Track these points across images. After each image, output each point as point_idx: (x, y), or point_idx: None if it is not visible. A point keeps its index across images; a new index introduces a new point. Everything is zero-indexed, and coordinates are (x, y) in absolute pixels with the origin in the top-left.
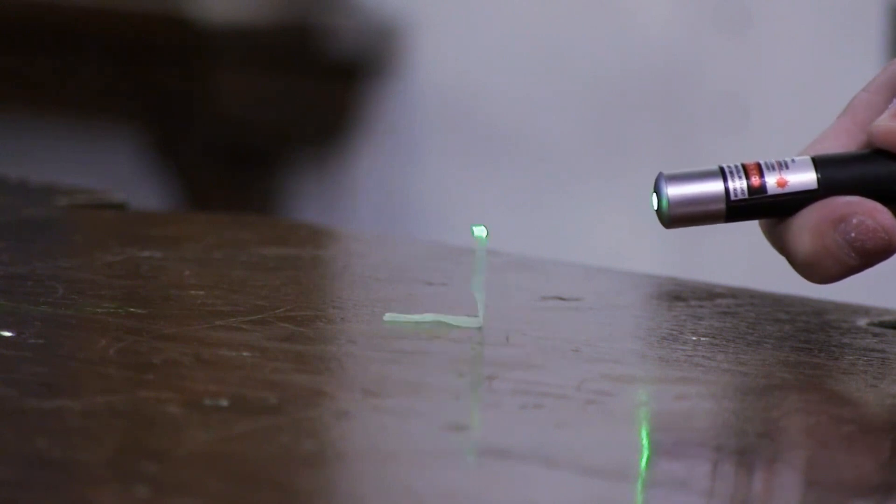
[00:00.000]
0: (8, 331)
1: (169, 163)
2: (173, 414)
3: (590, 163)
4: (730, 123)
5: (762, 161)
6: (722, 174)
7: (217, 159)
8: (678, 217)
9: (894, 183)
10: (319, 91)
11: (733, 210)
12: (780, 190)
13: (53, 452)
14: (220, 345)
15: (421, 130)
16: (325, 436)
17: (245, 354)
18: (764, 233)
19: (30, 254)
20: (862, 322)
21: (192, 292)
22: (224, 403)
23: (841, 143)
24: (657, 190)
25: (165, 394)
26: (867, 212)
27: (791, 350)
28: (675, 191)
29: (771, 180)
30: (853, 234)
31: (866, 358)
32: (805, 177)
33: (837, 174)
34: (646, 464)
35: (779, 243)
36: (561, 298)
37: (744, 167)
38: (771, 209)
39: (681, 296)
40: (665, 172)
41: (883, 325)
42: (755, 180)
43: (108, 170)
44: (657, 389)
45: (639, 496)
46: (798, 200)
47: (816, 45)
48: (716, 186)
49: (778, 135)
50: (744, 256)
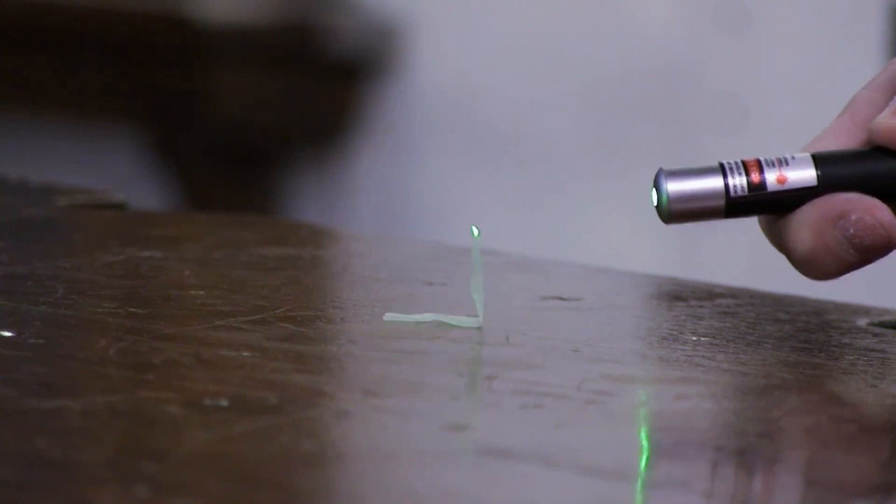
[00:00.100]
0: (8, 331)
1: (169, 163)
2: (173, 414)
3: (590, 163)
4: (730, 123)
5: (762, 158)
6: (722, 170)
7: (217, 159)
8: (677, 213)
9: (894, 180)
10: (319, 91)
11: (733, 206)
12: (780, 187)
13: (53, 452)
14: (220, 345)
15: (421, 130)
16: (325, 436)
17: (245, 354)
18: (763, 230)
19: (30, 254)
20: (862, 322)
21: (192, 292)
22: (224, 403)
23: (841, 142)
24: (657, 185)
25: (165, 394)
26: (866, 209)
27: (791, 350)
28: (675, 186)
29: (771, 177)
30: (852, 231)
31: (866, 358)
32: (805, 173)
33: (837, 171)
34: (646, 464)
35: (778, 240)
36: (561, 298)
37: (744, 164)
38: (770, 206)
39: (681, 296)
40: (665, 168)
41: (883, 325)
42: (755, 177)
43: (108, 170)
44: (657, 389)
45: (639, 496)
46: (798, 197)
47: (816, 45)
48: (715, 182)
49: (778, 135)
50: (744, 256)
